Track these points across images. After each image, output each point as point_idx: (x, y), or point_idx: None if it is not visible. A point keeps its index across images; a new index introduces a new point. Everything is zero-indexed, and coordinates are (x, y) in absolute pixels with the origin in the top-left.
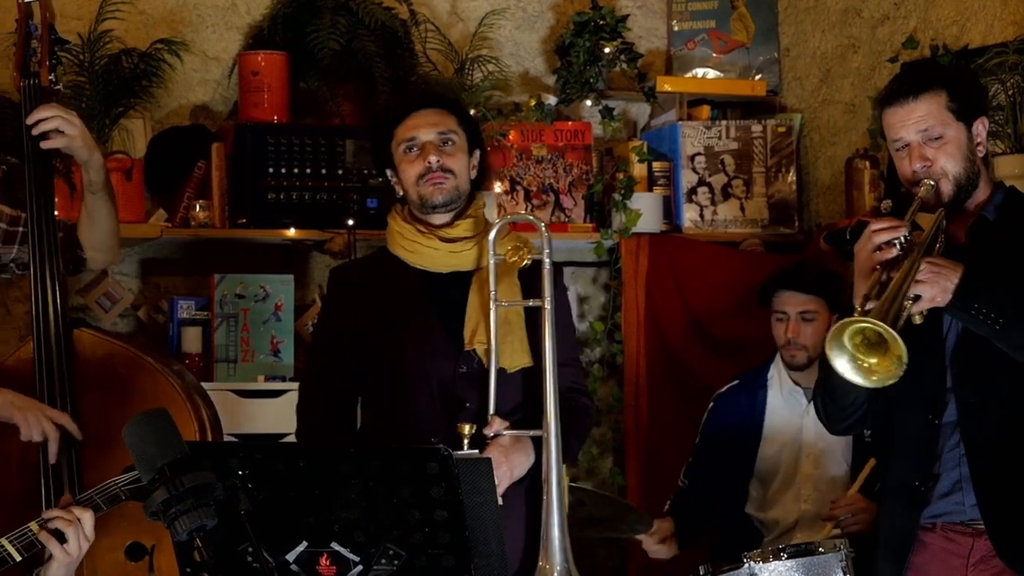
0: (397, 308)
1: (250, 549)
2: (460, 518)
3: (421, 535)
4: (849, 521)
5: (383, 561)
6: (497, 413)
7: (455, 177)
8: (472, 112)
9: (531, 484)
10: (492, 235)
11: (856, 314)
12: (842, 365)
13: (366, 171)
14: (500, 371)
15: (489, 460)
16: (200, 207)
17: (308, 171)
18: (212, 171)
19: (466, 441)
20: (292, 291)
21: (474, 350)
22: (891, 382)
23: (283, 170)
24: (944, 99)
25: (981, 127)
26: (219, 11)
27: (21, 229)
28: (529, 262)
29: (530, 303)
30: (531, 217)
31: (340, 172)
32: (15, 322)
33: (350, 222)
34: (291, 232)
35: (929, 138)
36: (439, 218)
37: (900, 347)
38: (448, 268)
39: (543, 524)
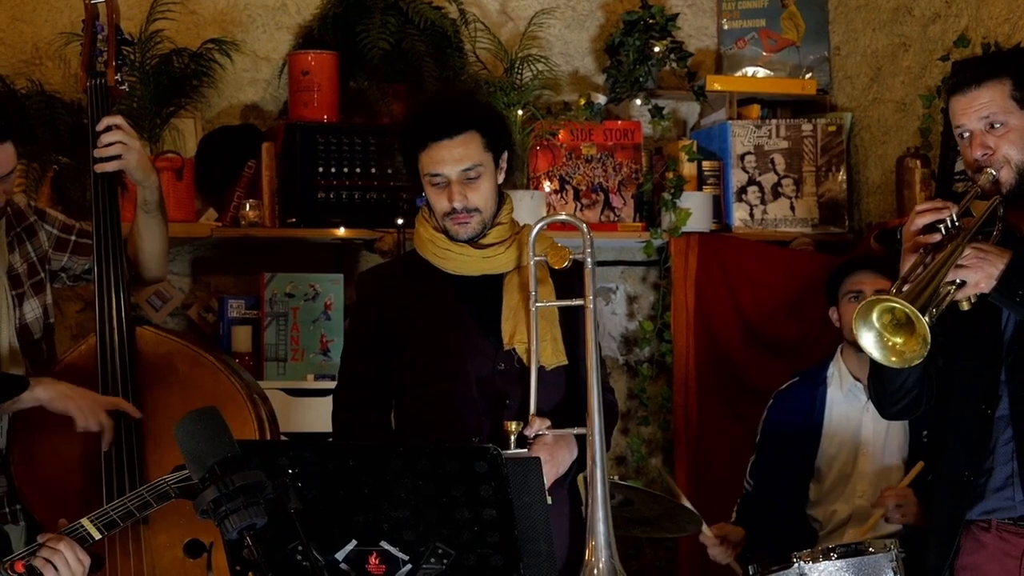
0: (431, 310)
1: (300, 548)
2: (509, 517)
3: (470, 534)
4: (896, 511)
5: (432, 560)
6: (538, 411)
7: (480, 213)
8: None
9: (574, 481)
10: (532, 236)
11: (890, 294)
12: (868, 341)
13: None
14: (539, 370)
15: (538, 459)
16: (250, 206)
17: (358, 170)
18: (262, 170)
19: (513, 439)
20: (342, 290)
21: (513, 349)
22: (916, 362)
23: (333, 169)
24: (1008, 87)
25: None
26: (269, 11)
27: (74, 238)
28: (570, 263)
29: (573, 303)
30: (571, 217)
31: (389, 171)
32: (67, 321)
33: (399, 221)
34: (341, 231)
35: (991, 126)
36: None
37: (925, 328)
38: (480, 272)
39: (588, 520)
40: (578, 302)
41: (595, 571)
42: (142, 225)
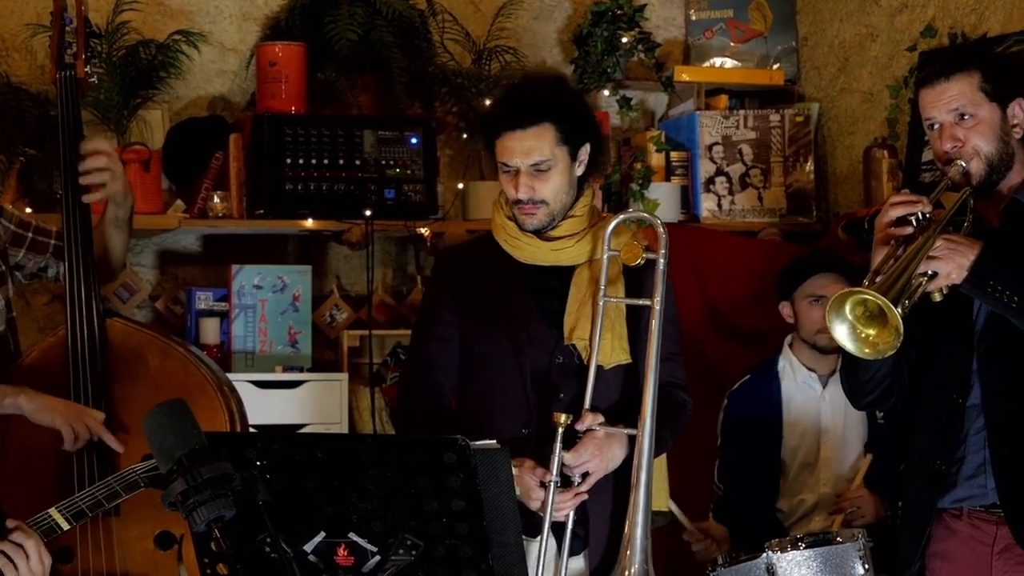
0: (497, 296)
1: (268, 540)
2: (478, 508)
3: (439, 525)
4: (856, 514)
5: (401, 551)
6: (592, 408)
7: (548, 206)
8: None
9: (618, 480)
10: (608, 231)
11: (863, 286)
12: (841, 333)
13: (384, 162)
14: (597, 367)
15: (507, 450)
16: (218, 198)
17: (326, 162)
18: (230, 162)
19: (560, 430)
20: (310, 282)
21: (573, 345)
22: (889, 354)
23: (300, 161)
24: (977, 79)
25: (1018, 109)
26: (236, 2)
27: (30, 235)
28: (643, 260)
29: (640, 302)
30: (648, 216)
31: (358, 163)
32: (34, 314)
33: (367, 213)
34: (309, 223)
35: (961, 117)
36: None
37: (897, 320)
38: (549, 263)
39: (627, 522)
40: (644, 302)
41: (628, 573)
42: (111, 234)
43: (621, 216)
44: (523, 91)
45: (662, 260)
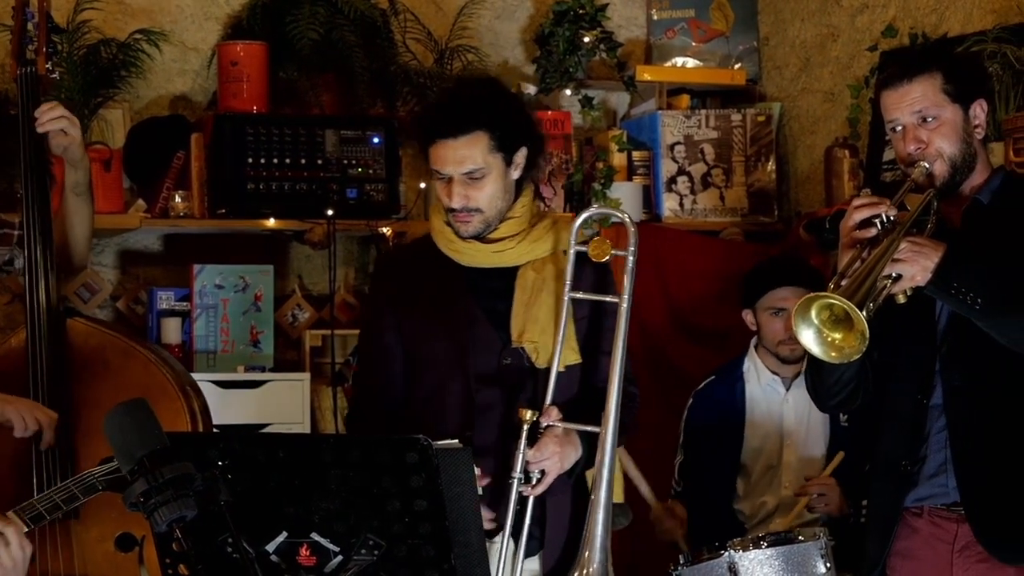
0: (440, 299)
1: (230, 540)
2: (440, 508)
3: (401, 525)
4: (819, 500)
5: (363, 551)
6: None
7: (482, 213)
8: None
9: (578, 480)
10: (575, 227)
11: (828, 290)
12: (807, 338)
13: (345, 161)
14: (548, 369)
15: (469, 450)
16: (179, 197)
17: (287, 161)
18: (191, 161)
19: (526, 427)
20: (272, 281)
21: (522, 348)
22: (855, 358)
23: (262, 160)
24: (939, 81)
25: (979, 109)
26: (198, 1)
27: None
28: (611, 257)
29: (608, 298)
30: (617, 212)
31: (319, 162)
32: None
33: (329, 212)
34: (270, 222)
35: (923, 119)
36: None
37: (863, 324)
38: (492, 264)
39: (588, 520)
40: (613, 298)
41: (587, 571)
42: (72, 208)
43: (591, 210)
44: (455, 98)
45: (631, 257)
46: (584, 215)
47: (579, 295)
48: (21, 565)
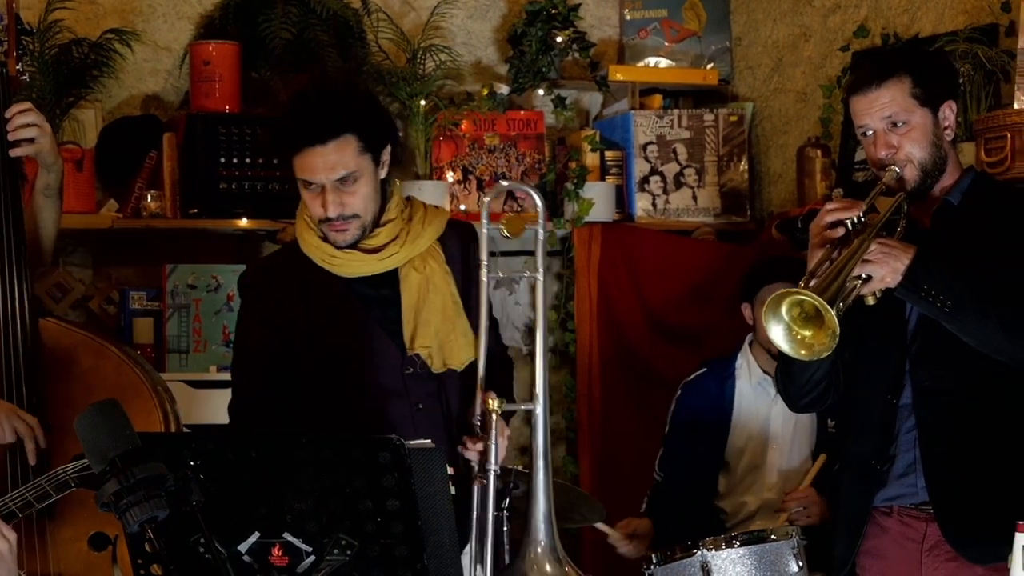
0: (326, 315)
1: (202, 540)
2: (412, 508)
3: (373, 525)
4: (801, 514)
5: (335, 551)
6: (450, 411)
7: (359, 218)
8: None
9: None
10: (486, 203)
11: (799, 287)
12: (777, 334)
13: None
14: (450, 371)
15: (442, 451)
16: (151, 197)
17: (260, 161)
18: (163, 161)
19: (495, 417)
20: None
21: (417, 355)
22: (825, 355)
23: (235, 160)
24: (908, 85)
25: (948, 111)
26: (170, 1)
27: None
28: (525, 233)
29: (526, 275)
30: (527, 187)
31: None
32: None
33: None
34: (243, 222)
35: (893, 124)
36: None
37: (834, 321)
38: (375, 272)
39: (531, 496)
40: (532, 274)
41: (538, 549)
42: (41, 208)
43: (494, 190)
44: (318, 102)
45: (542, 231)
46: (497, 189)
47: (496, 275)
48: (8, 555)
